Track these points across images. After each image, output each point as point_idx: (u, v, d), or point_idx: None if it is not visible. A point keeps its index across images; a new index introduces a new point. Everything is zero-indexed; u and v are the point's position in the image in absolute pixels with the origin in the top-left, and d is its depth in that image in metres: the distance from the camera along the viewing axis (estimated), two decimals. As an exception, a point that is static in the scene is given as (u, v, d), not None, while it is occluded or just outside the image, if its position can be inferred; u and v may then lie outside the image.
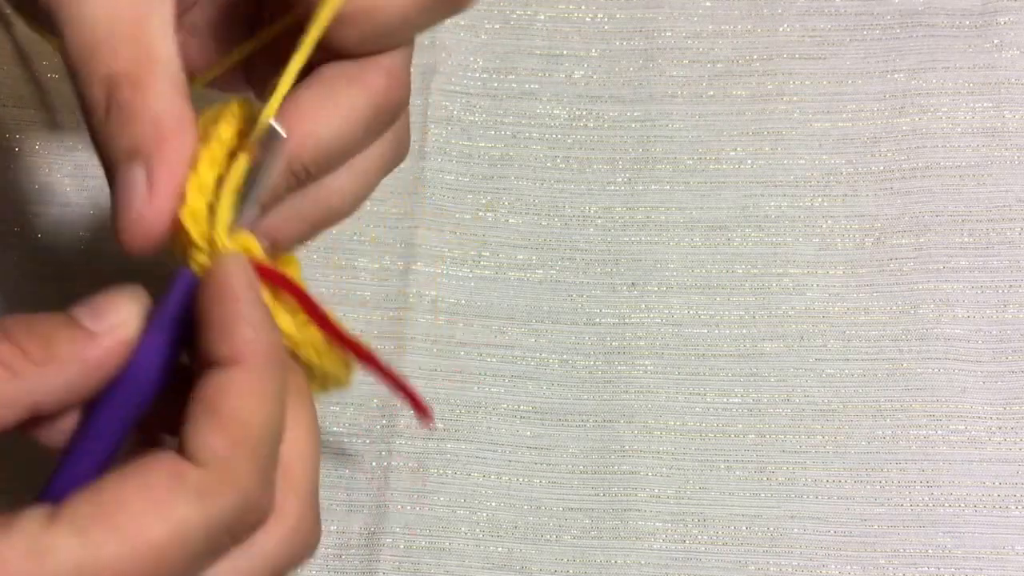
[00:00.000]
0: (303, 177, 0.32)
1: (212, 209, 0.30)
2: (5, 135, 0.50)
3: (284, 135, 0.30)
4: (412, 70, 0.51)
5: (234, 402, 0.28)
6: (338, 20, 0.31)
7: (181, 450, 0.28)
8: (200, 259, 0.30)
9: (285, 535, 0.30)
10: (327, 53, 0.32)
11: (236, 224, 0.31)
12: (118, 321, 0.30)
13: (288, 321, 0.32)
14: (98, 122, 0.31)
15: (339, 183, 0.33)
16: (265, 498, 0.29)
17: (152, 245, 0.30)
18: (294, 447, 0.30)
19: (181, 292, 0.30)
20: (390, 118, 0.34)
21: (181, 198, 0.30)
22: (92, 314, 0.30)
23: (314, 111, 0.31)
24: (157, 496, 0.27)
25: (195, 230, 0.30)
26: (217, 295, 0.29)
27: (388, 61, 0.33)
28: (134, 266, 0.31)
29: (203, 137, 0.31)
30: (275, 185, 0.31)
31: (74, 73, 0.31)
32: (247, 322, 0.29)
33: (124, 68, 0.30)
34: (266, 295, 0.31)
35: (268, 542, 0.29)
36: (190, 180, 0.30)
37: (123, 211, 0.30)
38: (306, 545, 0.31)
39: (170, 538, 0.26)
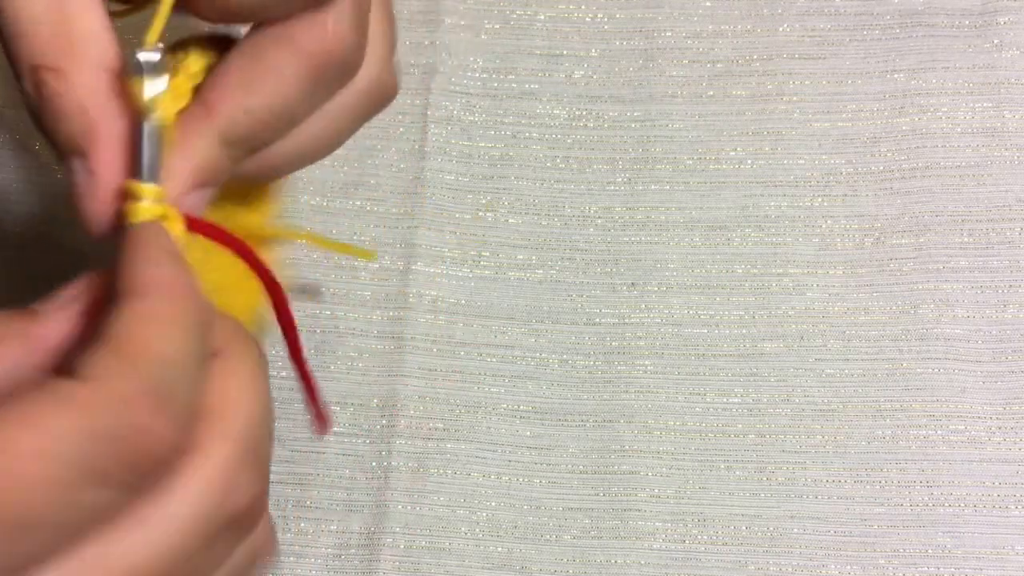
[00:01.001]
0: (245, 148, 0.31)
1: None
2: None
3: (152, 113, 0.29)
4: (412, 70, 0.51)
5: (127, 326, 0.26)
6: None
7: (68, 374, 0.26)
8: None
9: (209, 477, 0.27)
10: (248, 15, 0.30)
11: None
12: (64, 302, 0.29)
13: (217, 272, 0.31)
14: (34, 115, 0.30)
15: (308, 129, 0.32)
16: (164, 427, 0.26)
17: (107, 231, 0.30)
18: (228, 392, 0.28)
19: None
20: (338, 74, 0.32)
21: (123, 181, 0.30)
22: (43, 301, 0.29)
23: (240, 82, 0.30)
24: (30, 409, 0.25)
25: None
26: (125, 247, 0.29)
27: (321, 17, 0.31)
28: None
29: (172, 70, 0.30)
30: (210, 158, 0.30)
31: (9, 54, 0.30)
32: (146, 258, 0.28)
33: (46, 59, 0.29)
34: (198, 248, 0.31)
35: (186, 482, 0.27)
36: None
37: (79, 202, 0.30)
38: (242, 495, 0.28)
39: (41, 449, 0.24)
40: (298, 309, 0.48)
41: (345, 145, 0.49)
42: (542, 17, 0.52)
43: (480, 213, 0.50)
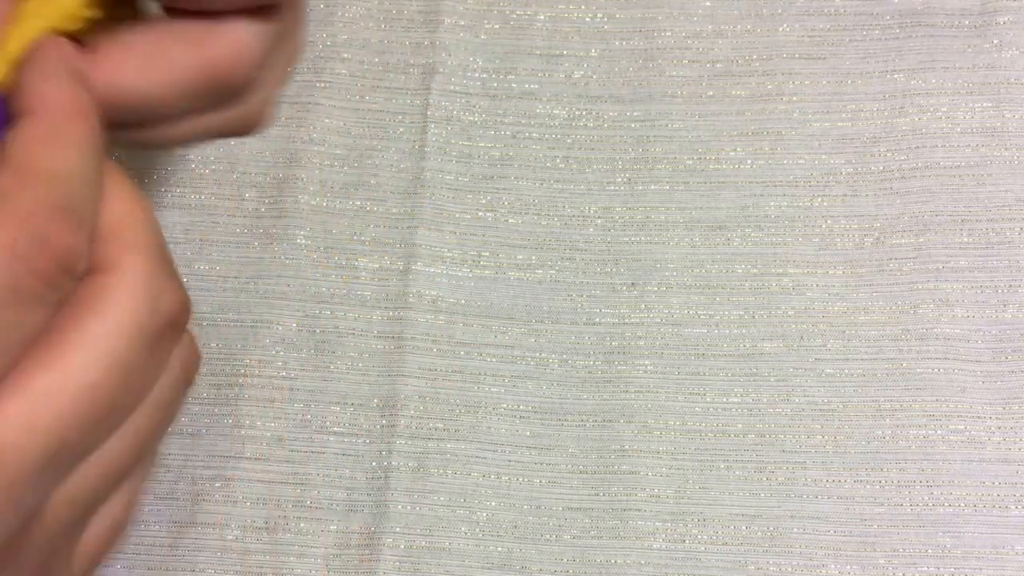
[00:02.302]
0: (107, 113, 0.30)
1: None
2: None
3: None
4: (412, 70, 0.51)
5: (25, 145, 0.26)
6: None
7: None
8: None
9: (134, 288, 0.27)
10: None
11: None
12: None
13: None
14: None
15: (166, 126, 0.31)
16: (70, 236, 0.26)
17: None
18: (126, 208, 0.28)
19: None
20: (231, 94, 0.31)
21: None
22: None
23: (127, 62, 0.29)
24: None
25: None
26: (25, 62, 0.28)
27: (237, 34, 0.30)
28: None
29: None
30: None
31: None
32: (43, 74, 0.27)
33: None
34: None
35: (115, 295, 0.27)
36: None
37: None
38: (167, 301, 0.28)
39: None
40: (297, 309, 0.48)
41: (345, 145, 0.49)
42: (542, 17, 0.52)
43: (480, 213, 0.50)
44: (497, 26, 0.52)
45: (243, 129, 0.33)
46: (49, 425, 0.25)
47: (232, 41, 0.30)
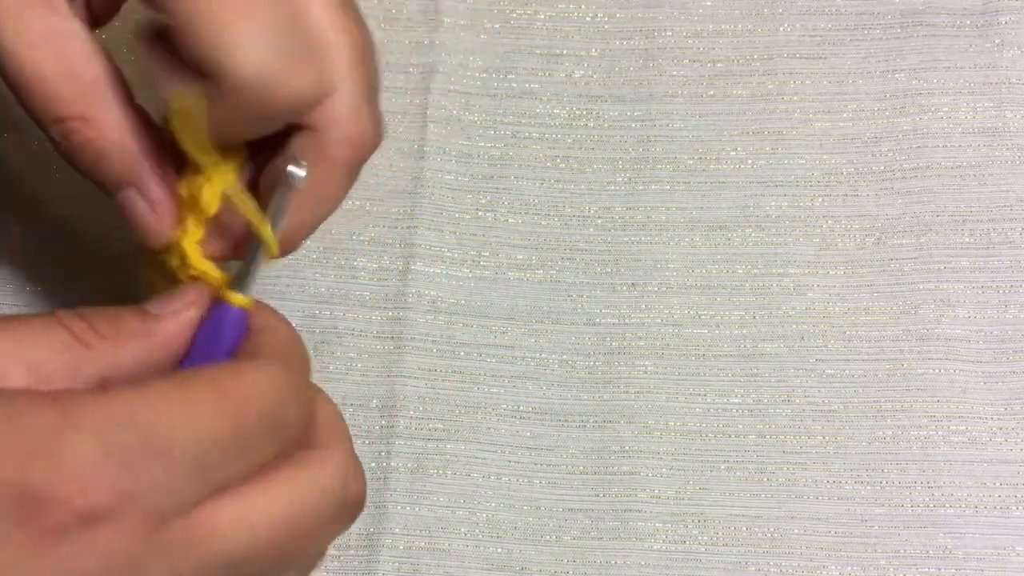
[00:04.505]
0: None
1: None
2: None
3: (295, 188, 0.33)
4: (411, 70, 0.51)
5: (254, 385, 0.30)
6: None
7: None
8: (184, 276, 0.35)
9: (336, 463, 0.32)
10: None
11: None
12: (181, 306, 0.33)
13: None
14: (68, 157, 0.33)
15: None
16: (297, 417, 0.31)
17: (164, 242, 0.35)
18: (330, 412, 0.34)
19: (233, 323, 0.34)
20: (366, 160, 0.37)
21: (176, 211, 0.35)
22: (158, 303, 0.33)
23: (300, 209, 0.35)
24: (220, 375, 0.30)
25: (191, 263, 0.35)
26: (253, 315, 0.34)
27: (347, 130, 0.35)
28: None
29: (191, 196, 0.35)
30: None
31: (26, 111, 0.33)
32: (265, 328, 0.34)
33: (70, 111, 0.32)
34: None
35: (320, 462, 0.32)
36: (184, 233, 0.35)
37: (138, 222, 0.35)
38: (354, 484, 0.33)
39: (223, 410, 0.29)
40: (297, 309, 0.48)
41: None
42: (542, 16, 0.52)
43: (480, 213, 0.49)
44: (497, 25, 0.52)
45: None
46: (252, 525, 0.30)
47: (346, 137, 0.36)
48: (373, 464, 0.46)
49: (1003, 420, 0.46)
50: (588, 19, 0.52)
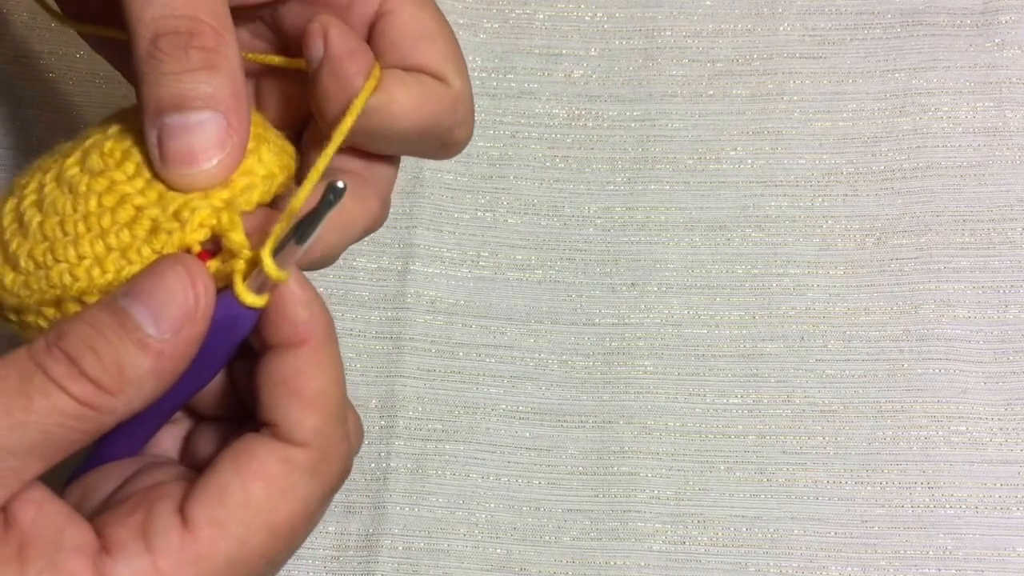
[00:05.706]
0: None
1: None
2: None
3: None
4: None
5: (313, 382, 0.31)
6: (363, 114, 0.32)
7: (276, 434, 0.30)
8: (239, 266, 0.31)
9: (348, 455, 0.33)
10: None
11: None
12: (179, 319, 0.29)
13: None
14: (160, 54, 0.30)
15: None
16: (351, 454, 0.32)
17: (218, 184, 0.31)
18: (353, 419, 0.34)
19: (246, 320, 0.31)
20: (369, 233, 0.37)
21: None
22: (151, 316, 0.29)
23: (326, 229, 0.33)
24: (280, 485, 0.30)
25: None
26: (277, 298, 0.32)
27: (383, 189, 0.36)
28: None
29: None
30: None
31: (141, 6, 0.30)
32: (302, 304, 0.31)
33: (208, 18, 0.30)
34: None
35: (342, 456, 0.32)
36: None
37: (185, 150, 0.30)
38: (346, 462, 0.33)
39: (299, 515, 0.30)
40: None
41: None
42: (541, 16, 0.52)
43: (479, 213, 0.49)
44: (496, 25, 0.52)
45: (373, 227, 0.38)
46: None
47: (381, 194, 0.36)
48: (373, 464, 0.46)
49: (1003, 420, 0.46)
50: (587, 19, 0.52)
